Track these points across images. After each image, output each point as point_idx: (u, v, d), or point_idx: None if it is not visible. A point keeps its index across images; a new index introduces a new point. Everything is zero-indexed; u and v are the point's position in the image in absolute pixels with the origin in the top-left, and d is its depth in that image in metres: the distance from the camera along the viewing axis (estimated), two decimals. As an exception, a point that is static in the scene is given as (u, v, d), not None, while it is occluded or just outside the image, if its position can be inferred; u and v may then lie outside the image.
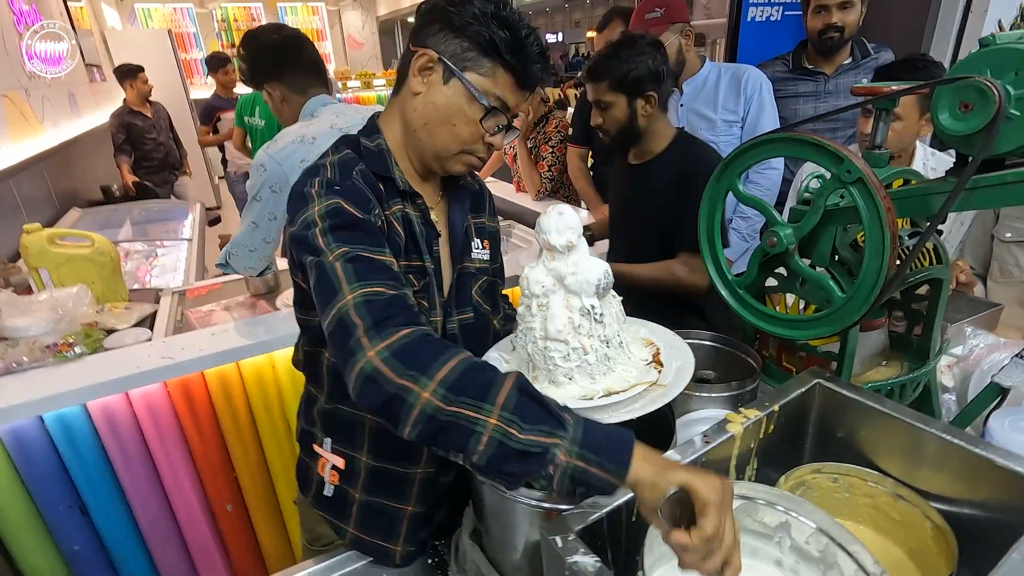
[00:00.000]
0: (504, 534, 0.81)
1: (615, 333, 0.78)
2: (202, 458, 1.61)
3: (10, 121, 2.93)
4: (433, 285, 0.90)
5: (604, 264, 0.75)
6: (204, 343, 1.54)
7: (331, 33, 9.27)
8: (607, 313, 0.77)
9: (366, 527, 0.98)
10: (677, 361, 0.79)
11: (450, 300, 0.93)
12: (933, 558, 0.72)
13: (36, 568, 1.47)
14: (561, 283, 0.76)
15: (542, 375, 0.78)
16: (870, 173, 0.75)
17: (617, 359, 0.78)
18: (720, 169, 0.95)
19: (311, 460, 1.03)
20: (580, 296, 0.75)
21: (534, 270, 0.76)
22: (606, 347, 0.76)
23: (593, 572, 0.57)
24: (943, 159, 1.69)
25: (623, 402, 0.72)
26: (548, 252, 0.76)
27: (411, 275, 0.87)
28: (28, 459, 1.40)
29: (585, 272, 0.73)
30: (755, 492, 0.69)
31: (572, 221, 0.74)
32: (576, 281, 0.74)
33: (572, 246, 0.74)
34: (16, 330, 1.52)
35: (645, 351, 0.82)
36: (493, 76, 0.82)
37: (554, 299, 0.76)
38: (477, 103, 0.82)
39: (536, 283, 0.75)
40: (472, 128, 0.84)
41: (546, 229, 0.74)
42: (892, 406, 0.79)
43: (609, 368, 0.77)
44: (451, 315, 0.93)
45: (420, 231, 0.89)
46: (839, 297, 0.83)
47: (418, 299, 0.88)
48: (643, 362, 0.79)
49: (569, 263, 0.74)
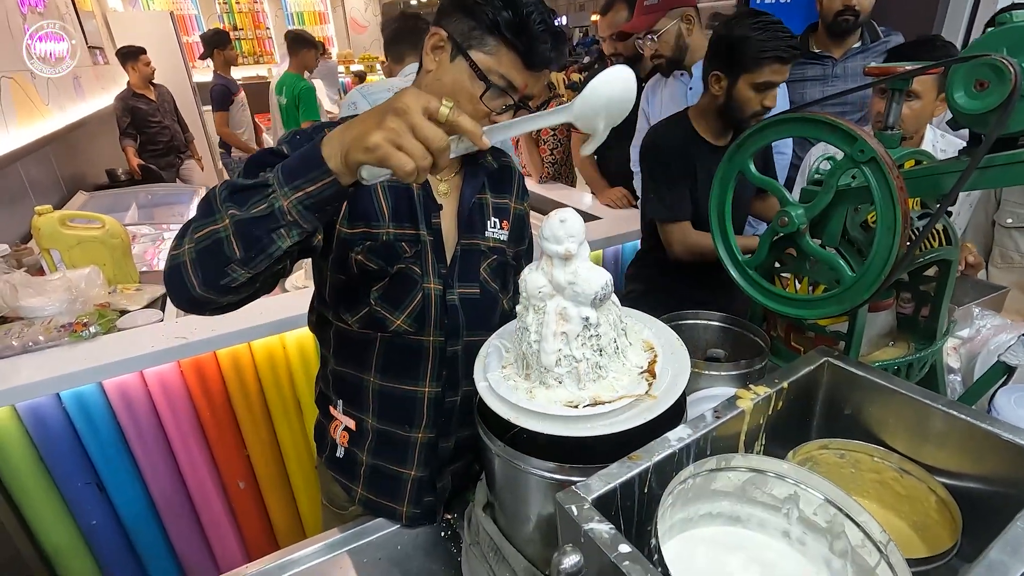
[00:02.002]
0: (517, 506, 0.83)
1: (610, 341, 0.76)
2: (215, 436, 1.65)
3: (17, 103, 2.93)
4: (427, 254, 0.92)
5: (606, 274, 0.73)
6: (216, 323, 1.56)
7: (333, 16, 9.17)
8: (604, 322, 0.75)
9: (373, 488, 1.03)
10: (672, 370, 0.77)
11: (452, 272, 0.95)
12: (937, 530, 0.74)
13: (56, 543, 1.51)
14: (559, 291, 0.74)
15: (534, 374, 0.77)
16: (883, 152, 0.76)
17: (609, 367, 0.76)
18: (732, 150, 0.95)
19: (327, 422, 1.08)
20: (577, 305, 0.73)
21: (532, 273, 0.75)
22: (599, 355, 0.75)
23: (608, 538, 0.59)
24: (952, 141, 1.68)
25: (607, 414, 0.71)
26: (547, 259, 0.74)
27: (403, 243, 0.91)
28: (47, 436, 1.43)
29: (584, 283, 0.71)
30: (765, 465, 0.70)
31: (574, 229, 0.71)
32: (574, 291, 0.72)
33: (571, 255, 0.71)
34: (32, 310, 1.54)
35: (643, 357, 0.80)
36: (497, 55, 0.83)
37: (550, 304, 0.74)
38: (479, 81, 0.83)
39: (534, 287, 0.74)
40: (474, 106, 0.85)
41: (546, 236, 0.71)
42: (901, 383, 0.80)
43: (600, 376, 0.75)
44: (452, 287, 0.95)
45: (417, 201, 0.91)
46: (849, 277, 0.84)
47: (409, 265, 0.92)
48: (637, 370, 0.77)
49: (568, 271, 0.72)
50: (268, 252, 0.66)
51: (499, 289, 1.02)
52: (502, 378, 0.79)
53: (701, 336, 1.12)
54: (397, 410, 0.99)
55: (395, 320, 0.93)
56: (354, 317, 0.94)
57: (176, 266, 0.70)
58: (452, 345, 0.97)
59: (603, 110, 0.70)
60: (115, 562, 1.61)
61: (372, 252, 0.90)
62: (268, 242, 0.65)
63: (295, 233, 0.66)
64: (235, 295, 0.72)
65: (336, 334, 1.00)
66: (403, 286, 0.92)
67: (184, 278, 0.69)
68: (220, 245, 0.66)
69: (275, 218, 0.64)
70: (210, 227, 0.67)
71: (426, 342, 0.95)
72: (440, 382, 0.98)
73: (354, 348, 0.98)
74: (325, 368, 1.05)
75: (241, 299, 0.75)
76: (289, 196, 0.64)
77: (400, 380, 0.97)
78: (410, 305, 0.93)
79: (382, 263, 0.91)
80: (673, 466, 0.71)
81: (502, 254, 1.02)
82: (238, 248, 0.66)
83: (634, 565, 0.55)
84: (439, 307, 0.94)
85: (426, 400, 0.98)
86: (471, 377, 0.99)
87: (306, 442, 1.79)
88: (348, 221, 0.90)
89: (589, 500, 0.64)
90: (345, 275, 0.93)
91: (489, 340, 0.89)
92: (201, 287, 0.69)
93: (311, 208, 0.64)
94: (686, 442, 0.72)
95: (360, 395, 1.00)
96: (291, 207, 0.64)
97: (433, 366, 0.97)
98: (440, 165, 0.63)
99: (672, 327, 0.96)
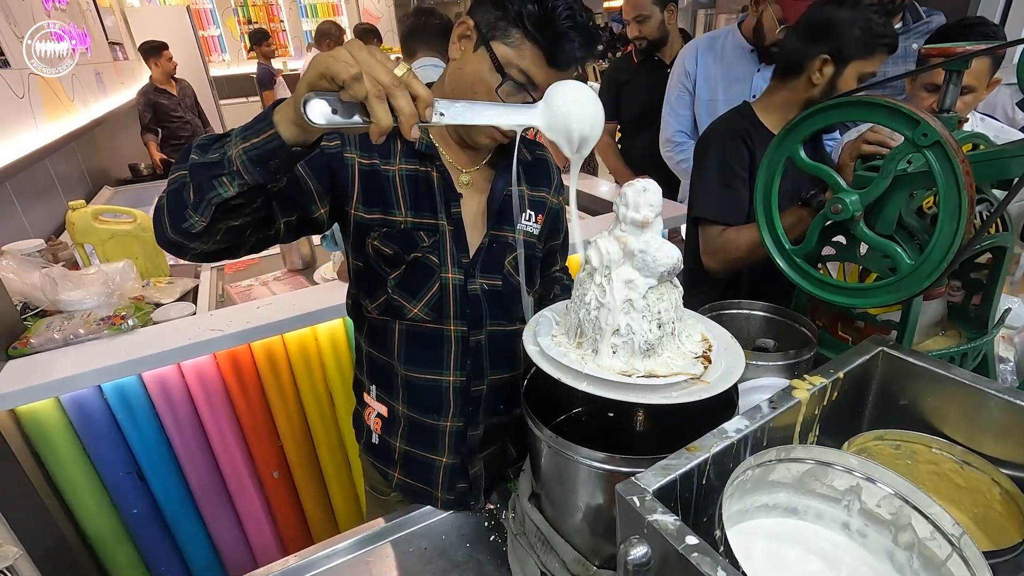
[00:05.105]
0: (565, 496, 0.83)
1: (670, 320, 0.76)
2: (250, 427, 1.67)
3: (44, 100, 2.97)
4: (446, 244, 0.92)
5: (677, 251, 0.73)
6: (251, 316, 1.58)
7: (347, 7, 9.15)
8: (667, 299, 0.75)
9: (409, 473, 1.05)
10: (727, 362, 0.77)
11: (475, 262, 0.95)
12: (1002, 523, 0.73)
13: (99, 530, 1.54)
14: (629, 258, 0.74)
15: (587, 342, 0.77)
16: (948, 136, 0.73)
17: (665, 345, 0.77)
18: (781, 135, 0.93)
19: (362, 409, 1.10)
20: (643, 275, 0.74)
21: (603, 239, 0.76)
22: (657, 330, 0.75)
23: (674, 530, 0.58)
24: (992, 124, 1.64)
25: (660, 387, 0.71)
26: (623, 224, 0.75)
27: (421, 231, 0.91)
28: (89, 427, 1.46)
29: (656, 252, 0.72)
30: (831, 457, 0.69)
31: (654, 199, 0.72)
32: (644, 260, 0.73)
33: (648, 223, 0.72)
34: (71, 303, 1.57)
35: (698, 346, 0.80)
36: (520, 48, 0.81)
37: (616, 272, 0.75)
38: (496, 73, 0.81)
39: (604, 253, 0.75)
40: (490, 99, 0.83)
41: (626, 201, 0.72)
42: (960, 372, 0.78)
43: (656, 352, 0.76)
44: (474, 276, 0.95)
45: (438, 191, 0.91)
46: (907, 264, 0.82)
47: (426, 254, 0.92)
48: (692, 355, 0.78)
49: (641, 240, 0.73)
50: (208, 198, 0.65)
51: (521, 282, 1.01)
52: (553, 343, 0.78)
53: (744, 326, 1.10)
54: (424, 398, 1.00)
55: (412, 308, 0.93)
56: (373, 304, 0.95)
57: (157, 208, 0.72)
58: (476, 335, 0.97)
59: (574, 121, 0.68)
60: (155, 550, 1.65)
61: (388, 238, 0.91)
62: (209, 188, 0.65)
63: (236, 184, 0.65)
64: (200, 242, 0.72)
65: (366, 320, 1.01)
66: (420, 275, 0.92)
67: (161, 219, 0.71)
68: (181, 189, 0.68)
69: (222, 165, 0.65)
70: (180, 171, 0.69)
71: (447, 331, 0.95)
72: (465, 371, 0.98)
73: (378, 334, 0.99)
74: (360, 354, 1.07)
75: (213, 250, 0.75)
76: (238, 146, 0.64)
77: (424, 369, 0.98)
78: (427, 294, 0.93)
79: (397, 249, 0.91)
80: (731, 457, 0.70)
81: (530, 248, 1.01)
82: (192, 192, 0.66)
83: (703, 557, 0.55)
84: (460, 297, 0.94)
85: (451, 389, 0.98)
86: (497, 366, 1.01)
87: (338, 433, 1.80)
88: (364, 205, 0.90)
89: (650, 492, 0.64)
90: (363, 262, 0.94)
91: (540, 312, 0.88)
92: (171, 230, 0.70)
93: (254, 160, 0.64)
94: (744, 433, 0.71)
95: (390, 381, 1.01)
96: (237, 156, 0.64)
97: (456, 355, 0.97)
98: (402, 109, 0.58)
99: (714, 317, 0.95)
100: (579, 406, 1.00)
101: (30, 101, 2.78)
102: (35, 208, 2.55)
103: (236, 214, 0.70)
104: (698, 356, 0.78)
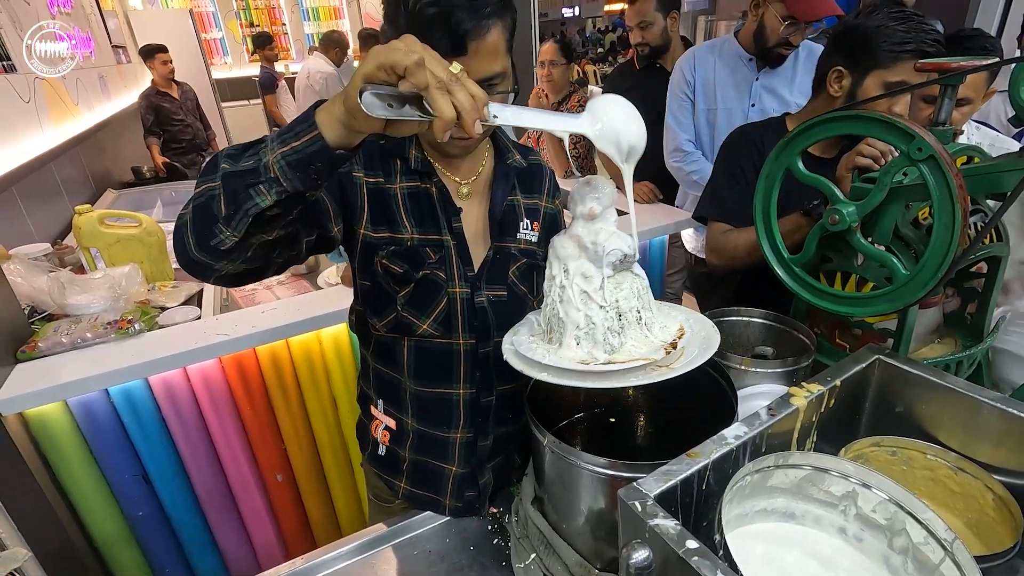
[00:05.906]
0: (568, 500, 0.84)
1: (631, 309, 0.77)
2: (254, 430, 1.68)
3: (50, 104, 2.99)
4: (452, 258, 0.92)
5: (628, 239, 0.74)
6: (256, 320, 1.59)
7: (348, 11, 9.18)
8: (625, 288, 0.76)
9: (416, 482, 1.05)
10: (699, 348, 0.76)
11: (481, 275, 0.95)
12: (995, 528, 0.74)
13: (105, 533, 1.56)
14: (583, 251, 0.75)
15: (555, 336, 0.79)
16: (941, 150, 0.75)
17: (628, 334, 0.77)
18: (780, 147, 0.95)
19: (368, 421, 1.10)
20: (597, 267, 0.74)
21: (558, 237, 0.78)
22: (617, 320, 0.76)
23: (675, 534, 0.60)
24: (988, 133, 1.66)
25: (616, 372, 0.71)
26: (576, 220, 0.76)
27: (427, 248, 0.91)
28: (96, 430, 1.48)
29: (604, 241, 0.73)
30: (828, 463, 0.71)
31: (601, 192, 0.74)
32: (595, 252, 0.74)
33: (595, 215, 0.74)
34: (78, 307, 1.59)
35: (669, 334, 0.80)
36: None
37: (572, 265, 0.76)
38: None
39: (560, 247, 0.76)
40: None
41: (572, 197, 0.75)
42: (955, 380, 0.80)
43: (620, 342, 0.76)
44: (480, 289, 0.95)
45: (439, 206, 0.92)
46: (903, 274, 0.84)
47: (434, 271, 0.92)
48: (660, 343, 0.78)
49: (591, 231, 0.74)
50: (245, 208, 0.62)
51: (527, 291, 1.02)
52: (529, 341, 0.80)
53: (743, 333, 1.12)
54: (434, 412, 1.00)
55: (421, 325, 0.93)
56: (382, 322, 0.95)
57: (179, 226, 0.68)
58: (484, 347, 0.97)
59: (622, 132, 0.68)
60: (160, 552, 1.66)
61: (397, 256, 0.91)
62: (246, 197, 0.62)
63: (274, 192, 0.62)
64: (228, 262, 0.68)
65: (373, 336, 1.01)
66: (428, 291, 0.92)
67: (184, 238, 0.67)
68: (211, 202, 0.64)
69: (258, 172, 0.61)
70: (207, 183, 0.65)
71: (456, 345, 0.96)
72: (474, 383, 0.98)
73: (387, 351, 0.99)
74: (366, 368, 1.07)
75: (240, 272, 0.72)
76: (275, 151, 0.61)
77: (434, 384, 0.98)
78: (435, 310, 0.93)
79: (407, 267, 0.91)
80: (730, 463, 0.72)
81: (532, 256, 1.01)
82: (224, 205, 0.63)
83: (704, 560, 0.56)
84: (467, 310, 0.94)
85: (462, 402, 0.99)
86: (504, 376, 1.01)
87: (341, 437, 1.82)
88: (372, 224, 0.90)
89: (652, 497, 0.65)
90: (371, 280, 0.93)
91: (527, 315, 0.89)
92: (196, 248, 0.66)
93: (294, 166, 0.61)
94: (743, 439, 0.72)
95: (398, 396, 1.01)
96: (275, 162, 0.61)
97: (466, 368, 0.97)
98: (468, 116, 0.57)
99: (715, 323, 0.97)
100: (581, 411, 1.02)
101: (36, 106, 2.80)
102: (40, 212, 2.57)
103: (271, 227, 0.67)
104: (666, 345, 0.77)
